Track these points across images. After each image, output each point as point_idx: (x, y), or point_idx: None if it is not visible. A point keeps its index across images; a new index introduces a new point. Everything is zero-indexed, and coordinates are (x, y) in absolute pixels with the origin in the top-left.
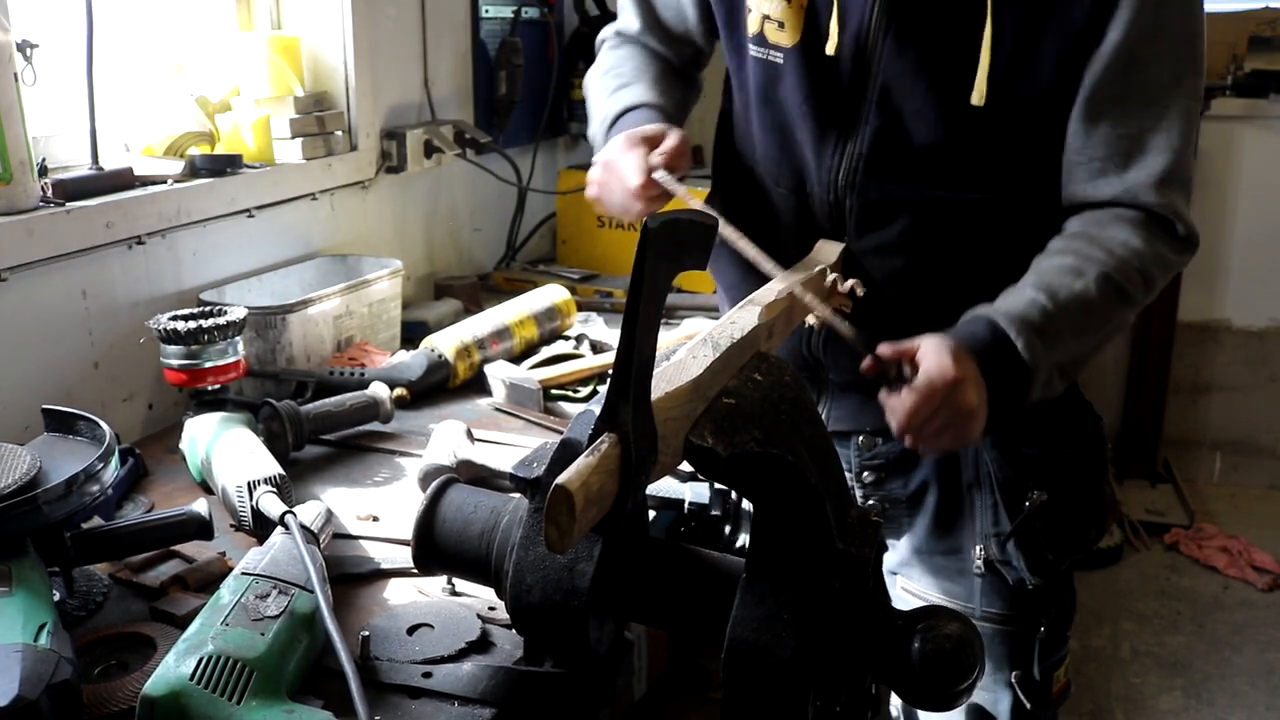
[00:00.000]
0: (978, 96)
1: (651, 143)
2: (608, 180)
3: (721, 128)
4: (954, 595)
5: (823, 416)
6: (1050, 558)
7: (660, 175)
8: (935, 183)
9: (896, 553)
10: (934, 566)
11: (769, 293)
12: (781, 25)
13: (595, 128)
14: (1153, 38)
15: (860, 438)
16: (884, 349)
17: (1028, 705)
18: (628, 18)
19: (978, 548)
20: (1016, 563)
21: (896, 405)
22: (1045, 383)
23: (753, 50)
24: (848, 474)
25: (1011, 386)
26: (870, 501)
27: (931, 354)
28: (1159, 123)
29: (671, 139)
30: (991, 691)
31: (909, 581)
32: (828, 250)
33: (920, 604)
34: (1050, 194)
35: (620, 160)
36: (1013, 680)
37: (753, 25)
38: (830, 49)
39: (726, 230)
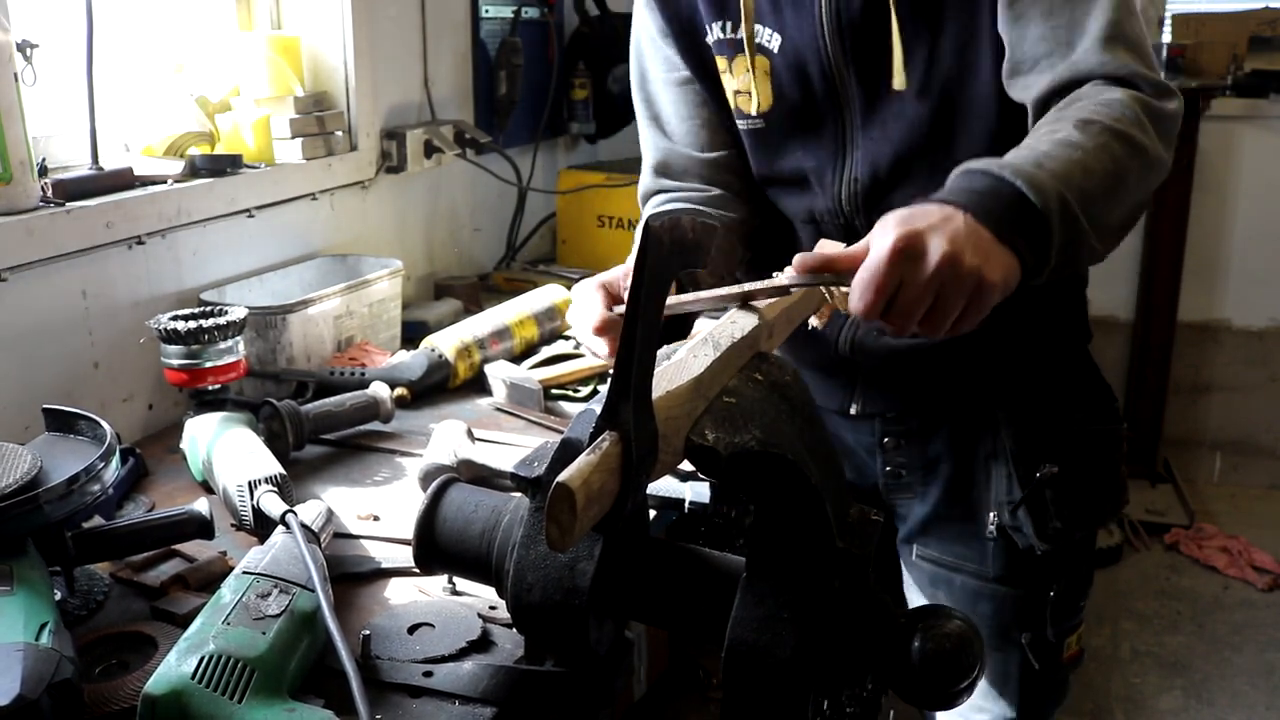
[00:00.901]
0: (898, 82)
1: (609, 287)
2: (576, 317)
3: None
4: (966, 558)
5: (854, 402)
6: (1059, 525)
7: (619, 310)
8: (933, 183)
9: (912, 521)
10: (949, 532)
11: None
12: (753, 95)
13: None
14: None
15: (887, 414)
16: (815, 260)
17: (1036, 665)
18: (650, 150)
19: (992, 514)
20: (1026, 529)
21: (853, 308)
22: (1068, 226)
23: (740, 125)
24: (870, 440)
25: (1018, 224)
26: (888, 467)
27: (874, 237)
28: (1082, 3)
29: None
30: (1002, 651)
31: (923, 548)
32: (828, 249)
33: (933, 569)
34: None
35: (582, 303)
36: (1023, 641)
37: (737, 104)
38: (753, 109)
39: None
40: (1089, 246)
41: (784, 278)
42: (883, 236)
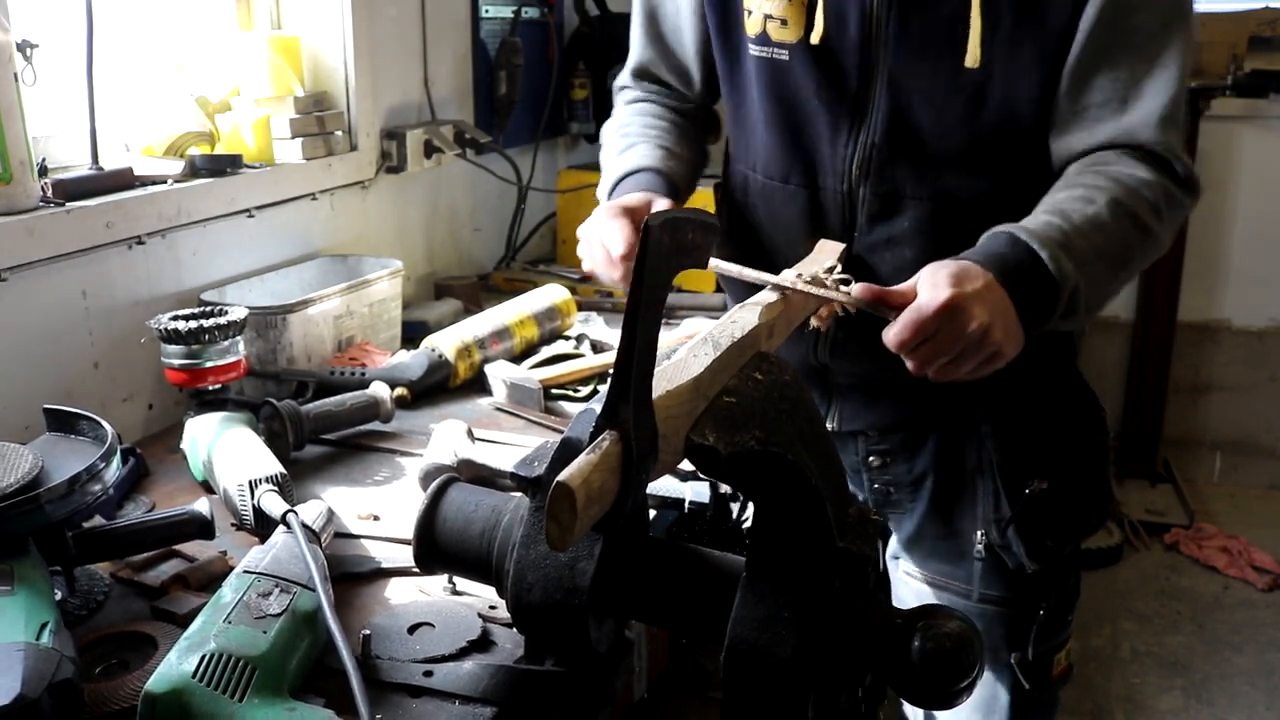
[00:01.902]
0: (971, 59)
1: (634, 213)
2: (593, 249)
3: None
4: (953, 577)
5: (831, 418)
6: (1050, 544)
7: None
8: (947, 171)
9: (898, 537)
10: (935, 550)
11: (770, 293)
12: (784, 22)
13: (602, 188)
14: None
15: (868, 431)
16: (874, 291)
17: (1026, 686)
18: (636, 50)
19: (979, 532)
20: (1016, 548)
21: (888, 338)
22: (1069, 304)
23: (755, 50)
24: (855, 459)
25: (1036, 301)
26: (875, 485)
27: (926, 285)
28: (1151, 68)
29: (656, 209)
30: (991, 672)
31: (909, 565)
32: (829, 250)
33: (920, 586)
34: None
35: (604, 230)
36: (1012, 662)
37: (753, 27)
38: (815, 38)
39: (719, 264)
40: (1078, 319)
41: (835, 294)
42: (934, 290)
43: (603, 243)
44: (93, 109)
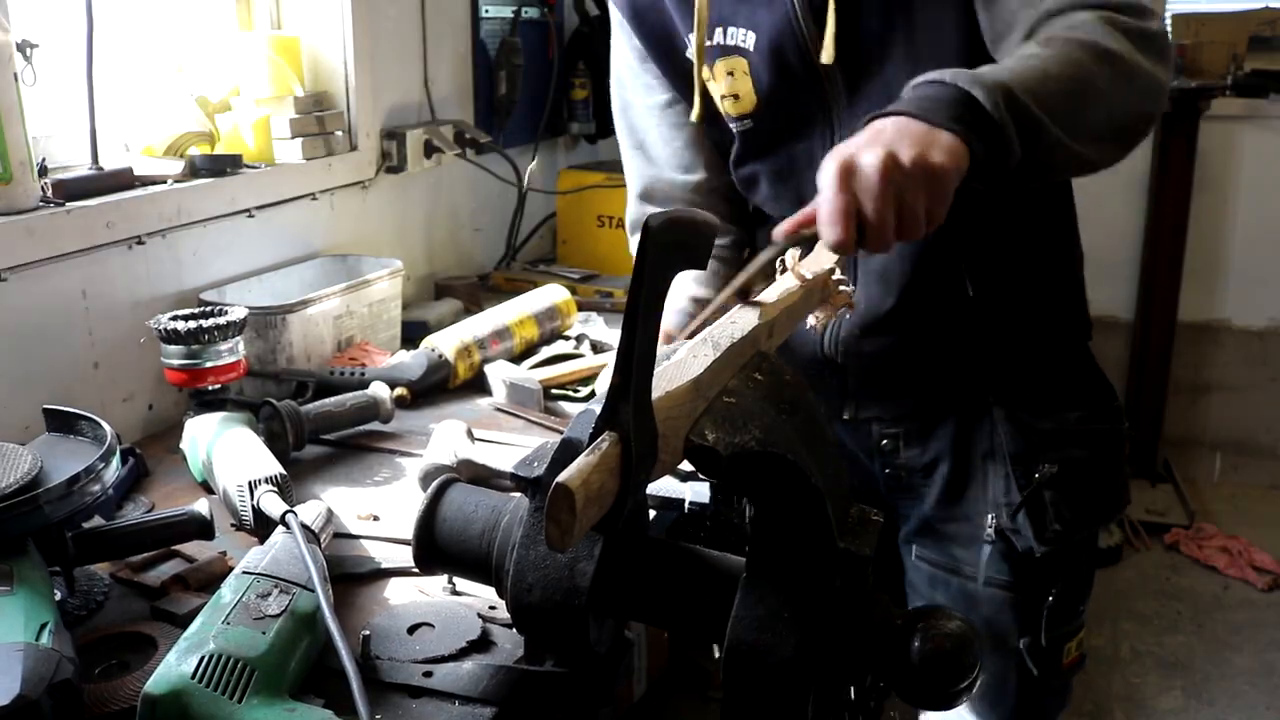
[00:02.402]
0: (826, 55)
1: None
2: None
3: None
4: (964, 561)
5: (846, 407)
6: (1058, 528)
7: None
8: None
9: (912, 522)
10: (947, 534)
11: (770, 293)
12: (737, 97)
13: None
14: None
15: (883, 416)
16: (793, 221)
17: (1035, 672)
18: (635, 177)
19: (989, 516)
20: (1024, 531)
21: (828, 244)
22: (1021, 118)
23: (734, 127)
24: (868, 443)
25: (960, 114)
26: (888, 470)
27: (819, 178)
28: None
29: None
30: (1000, 656)
31: (922, 549)
32: (827, 252)
33: (931, 571)
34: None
35: None
36: (1020, 647)
37: (724, 109)
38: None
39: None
40: (1062, 144)
41: (767, 253)
42: (824, 172)
43: None
44: (93, 109)
